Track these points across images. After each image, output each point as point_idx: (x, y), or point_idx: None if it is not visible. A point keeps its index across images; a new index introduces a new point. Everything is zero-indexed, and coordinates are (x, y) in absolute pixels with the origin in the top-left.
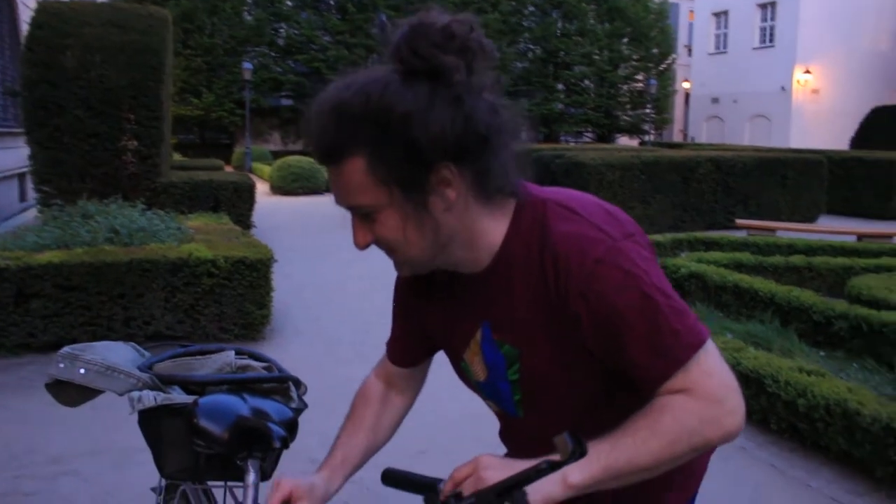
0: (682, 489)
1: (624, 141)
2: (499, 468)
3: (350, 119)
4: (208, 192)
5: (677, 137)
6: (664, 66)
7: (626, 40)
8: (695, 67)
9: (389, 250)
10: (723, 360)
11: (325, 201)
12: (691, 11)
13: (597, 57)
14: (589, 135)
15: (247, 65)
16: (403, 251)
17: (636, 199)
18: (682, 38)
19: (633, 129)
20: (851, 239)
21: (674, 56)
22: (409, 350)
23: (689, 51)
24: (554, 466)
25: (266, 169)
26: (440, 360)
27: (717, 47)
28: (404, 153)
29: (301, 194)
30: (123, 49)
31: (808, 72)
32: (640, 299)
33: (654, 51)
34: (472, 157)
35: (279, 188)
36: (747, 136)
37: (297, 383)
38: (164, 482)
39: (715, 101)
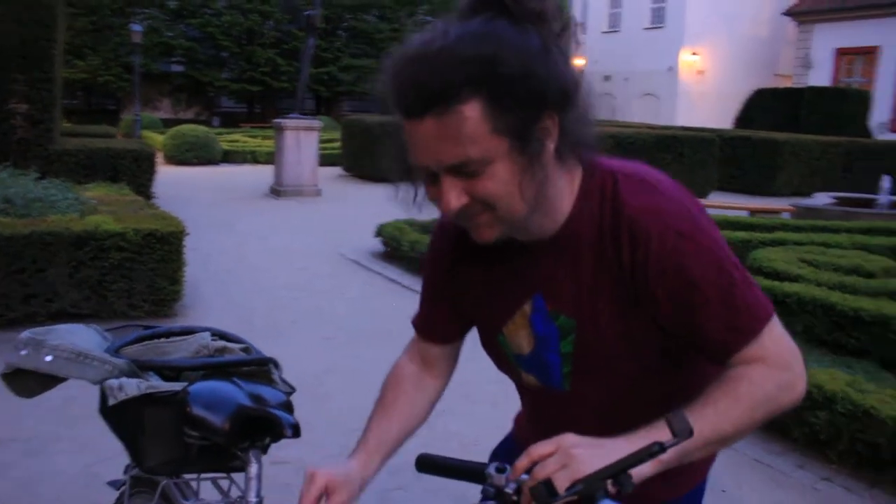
0: None
1: None
2: (588, 448)
3: (466, 60)
4: (106, 161)
5: None
6: None
7: None
8: (588, 45)
9: (484, 210)
10: (783, 328)
11: (220, 172)
12: None
13: None
14: None
15: (136, 27)
16: (507, 208)
17: None
18: (577, 14)
19: None
20: (745, 214)
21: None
22: (443, 326)
23: (584, 28)
24: (664, 448)
25: (157, 137)
26: (372, 337)
27: (611, 26)
28: (523, 98)
29: (195, 164)
30: (11, 3)
31: (694, 53)
32: (717, 273)
33: None
34: (567, 108)
35: (173, 157)
36: (636, 113)
37: (276, 364)
38: (130, 474)
39: (607, 78)
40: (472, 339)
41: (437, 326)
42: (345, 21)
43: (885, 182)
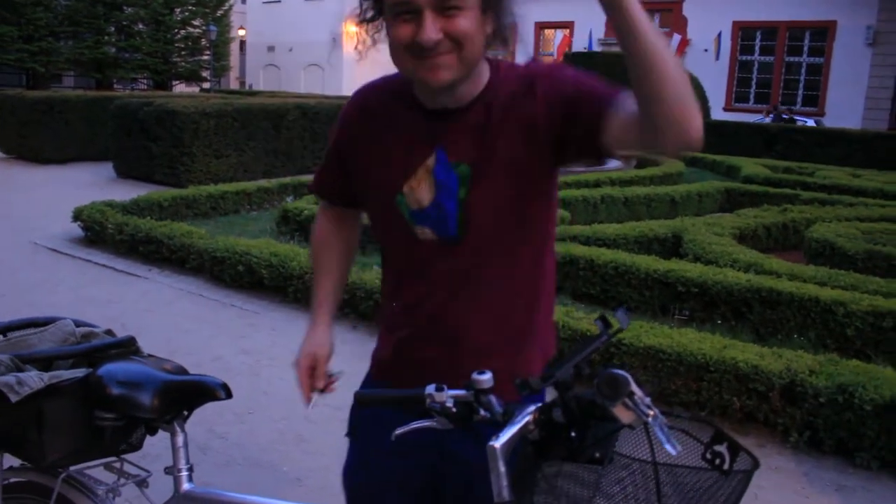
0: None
1: (182, 88)
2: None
3: None
4: None
5: (234, 85)
6: (221, 12)
7: None
8: (250, 15)
9: (452, 49)
10: None
11: None
12: None
13: None
14: (145, 81)
15: None
16: (471, 49)
17: (231, 147)
18: None
19: (192, 76)
20: None
21: (230, 3)
22: (340, 190)
23: None
24: (611, 336)
25: None
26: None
27: None
28: None
29: None
30: None
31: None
32: (582, 74)
33: None
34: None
35: None
36: (303, 84)
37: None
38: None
39: (271, 49)
40: (208, 326)
41: (339, 192)
42: None
43: None
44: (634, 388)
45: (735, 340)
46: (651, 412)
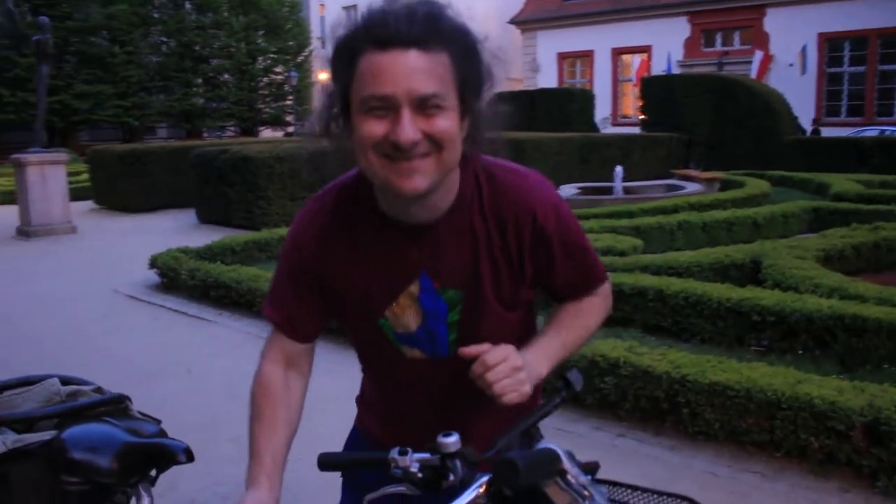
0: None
1: (267, 133)
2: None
3: (443, 21)
4: None
5: None
6: (301, 58)
7: (262, 32)
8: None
9: (430, 152)
10: None
11: None
12: (321, 5)
13: (234, 50)
14: (232, 129)
15: None
16: (450, 152)
17: (305, 189)
18: (315, 31)
19: (276, 121)
20: None
21: (310, 49)
22: (308, 322)
23: (323, 43)
24: (565, 400)
25: None
26: (172, 373)
27: None
28: (476, 70)
29: None
30: None
31: None
32: (577, 237)
33: (291, 43)
34: (483, 99)
35: None
36: None
37: (129, 399)
38: None
39: None
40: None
41: (303, 324)
42: (72, 45)
43: (618, 171)
44: (567, 465)
45: (812, 374)
46: (587, 493)
